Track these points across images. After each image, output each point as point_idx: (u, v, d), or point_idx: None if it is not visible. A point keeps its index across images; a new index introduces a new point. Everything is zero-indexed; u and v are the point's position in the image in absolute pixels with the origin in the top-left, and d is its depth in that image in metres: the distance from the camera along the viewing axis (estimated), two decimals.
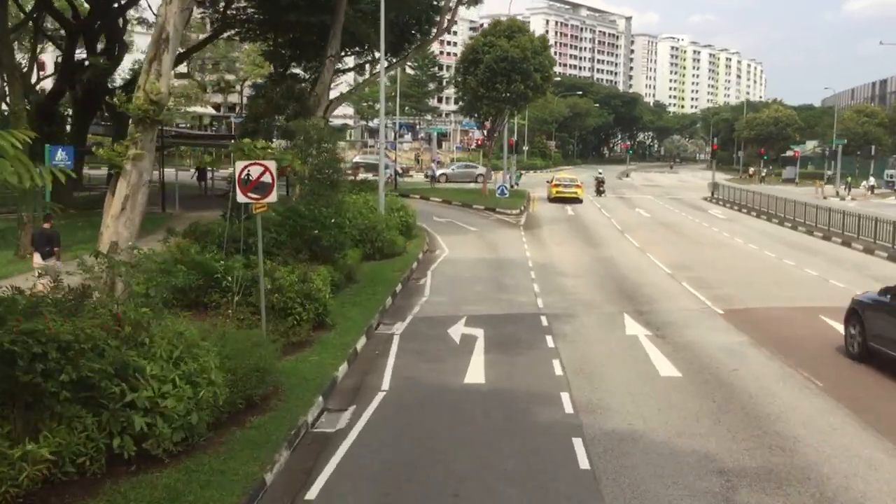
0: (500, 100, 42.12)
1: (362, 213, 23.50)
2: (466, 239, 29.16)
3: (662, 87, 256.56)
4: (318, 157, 22.91)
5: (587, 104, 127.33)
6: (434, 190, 48.90)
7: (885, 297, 12.75)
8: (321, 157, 22.89)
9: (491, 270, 22.34)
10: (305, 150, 23.11)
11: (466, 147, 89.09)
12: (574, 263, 23.85)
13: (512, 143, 51.91)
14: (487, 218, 36.64)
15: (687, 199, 51.11)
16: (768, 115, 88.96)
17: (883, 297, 12.81)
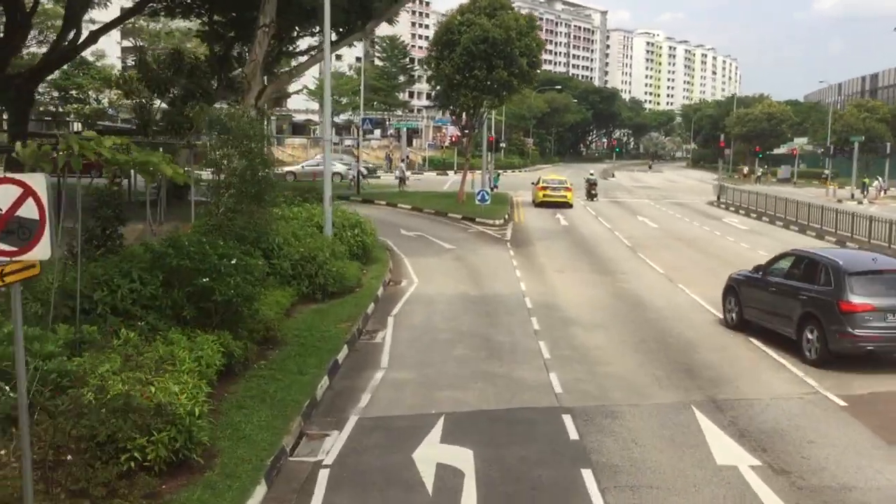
0: (479, 89, 35.92)
1: (297, 236, 17.13)
2: (441, 263, 22.91)
3: (638, 83, 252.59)
4: (239, 160, 16.69)
5: (566, 99, 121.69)
6: (403, 195, 42.57)
7: (757, 273, 14.88)
8: (245, 158, 16.65)
9: (476, 317, 16.10)
10: (220, 150, 16.82)
11: (440, 144, 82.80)
12: (587, 303, 17.69)
13: (491, 139, 45.81)
14: (466, 230, 30.40)
15: (691, 204, 45.25)
16: (761, 111, 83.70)
17: (755, 274, 14.93)
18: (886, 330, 12.35)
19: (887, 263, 13.67)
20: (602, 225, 33.07)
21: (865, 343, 12.37)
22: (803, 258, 14.20)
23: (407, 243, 26.35)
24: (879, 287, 12.76)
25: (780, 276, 14.40)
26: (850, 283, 12.66)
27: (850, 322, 12.37)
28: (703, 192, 58.69)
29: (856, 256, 14.62)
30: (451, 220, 33.46)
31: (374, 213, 35.02)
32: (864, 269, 13.17)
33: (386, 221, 31.86)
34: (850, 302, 12.45)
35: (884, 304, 12.43)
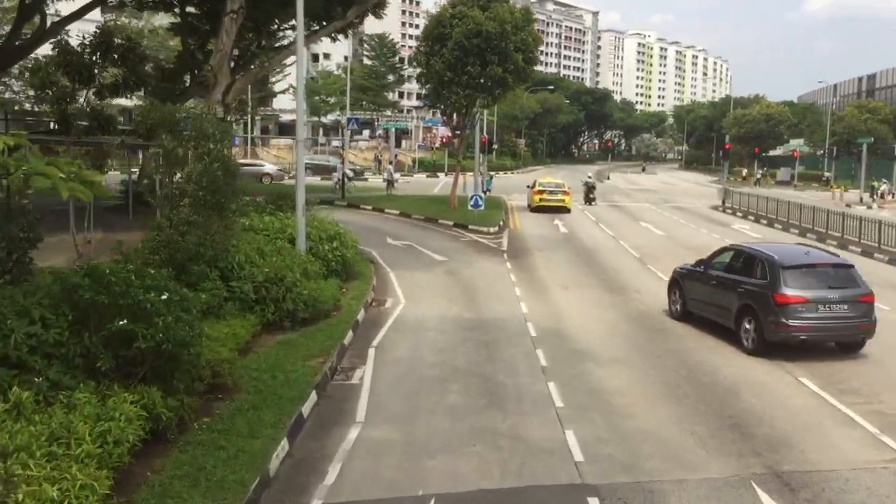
0: (472, 86, 33.52)
1: (263, 253, 14.67)
2: (431, 278, 20.51)
3: (629, 84, 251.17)
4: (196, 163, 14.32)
5: (558, 100, 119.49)
6: (391, 199, 40.14)
7: (699, 267, 15.69)
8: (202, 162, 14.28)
9: (472, 348, 13.70)
10: (173, 152, 14.43)
11: (430, 146, 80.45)
12: (599, 328, 15.32)
13: (484, 140, 43.44)
14: (458, 239, 28.00)
15: (694, 208, 42.95)
16: (758, 112, 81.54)
17: (697, 268, 15.75)
18: (818, 320, 13.14)
19: (819, 258, 14.38)
20: (604, 232, 30.74)
21: (799, 333, 13.11)
22: (742, 253, 14.88)
23: (394, 254, 23.95)
24: (811, 280, 13.50)
25: (721, 269, 15.06)
26: (785, 277, 13.34)
27: (784, 313, 13.07)
28: (704, 195, 56.48)
29: (790, 251, 14.96)
30: (441, 227, 31.06)
31: (359, 219, 32.67)
32: (797, 264, 13.77)
33: (372, 229, 29.51)
34: (784, 294, 13.15)
35: (815, 296, 13.17)
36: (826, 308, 13.17)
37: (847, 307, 13.28)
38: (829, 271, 13.84)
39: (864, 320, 13.37)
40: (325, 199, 39.10)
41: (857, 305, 13.35)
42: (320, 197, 39.77)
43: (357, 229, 29.48)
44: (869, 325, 13.44)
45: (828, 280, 13.58)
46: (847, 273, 13.81)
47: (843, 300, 13.28)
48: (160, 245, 13.40)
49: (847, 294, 13.35)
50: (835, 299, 13.25)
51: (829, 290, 13.36)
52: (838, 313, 13.23)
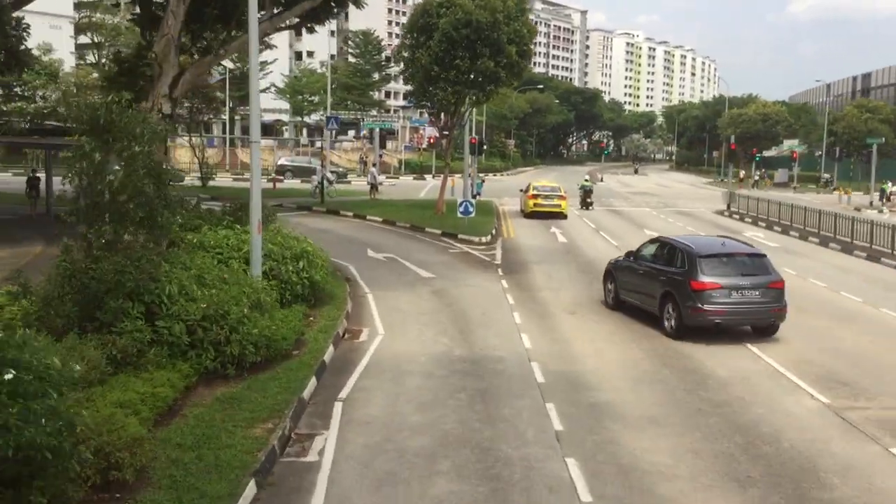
0: (461, 82, 30.73)
1: (204, 281, 11.75)
2: (416, 300, 17.65)
3: (618, 84, 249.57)
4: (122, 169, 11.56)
5: (548, 99, 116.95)
6: (374, 204, 37.25)
7: (629, 259, 16.71)
8: (128, 168, 11.50)
9: (465, 404, 10.82)
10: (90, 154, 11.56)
11: (417, 146, 77.52)
12: (622, 372, 12.48)
13: (474, 141, 40.63)
14: (447, 251, 25.15)
15: (698, 213, 40.26)
16: (755, 111, 79.10)
17: (627, 259, 16.78)
18: (731, 305, 14.07)
19: (734, 248, 15.42)
20: (608, 242, 27.97)
21: (714, 317, 13.99)
22: (665, 244, 15.93)
23: (374, 270, 21.09)
24: (726, 268, 14.42)
25: (647, 260, 16.02)
26: (701, 265, 14.28)
27: (699, 298, 13.97)
28: (704, 198, 53.93)
29: (708, 241, 16.10)
30: (429, 236, 28.21)
31: (338, 227, 29.85)
32: (713, 253, 14.75)
33: (351, 239, 26.69)
34: (700, 281, 14.06)
35: (729, 283, 14.09)
36: (739, 294, 14.14)
37: (759, 293, 14.23)
38: (742, 260, 14.85)
39: (775, 305, 14.32)
40: (303, 204, 36.24)
41: (768, 291, 14.29)
42: (298, 202, 36.90)
43: (335, 239, 26.70)
44: (780, 309, 14.38)
45: (741, 268, 14.53)
46: (760, 262, 14.78)
47: (755, 286, 14.21)
48: (68, 275, 10.54)
49: (758, 281, 14.26)
50: (747, 286, 14.19)
51: (742, 277, 14.31)
52: (750, 299, 14.18)
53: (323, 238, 26.52)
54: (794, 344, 14.32)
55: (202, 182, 43.12)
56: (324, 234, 27.40)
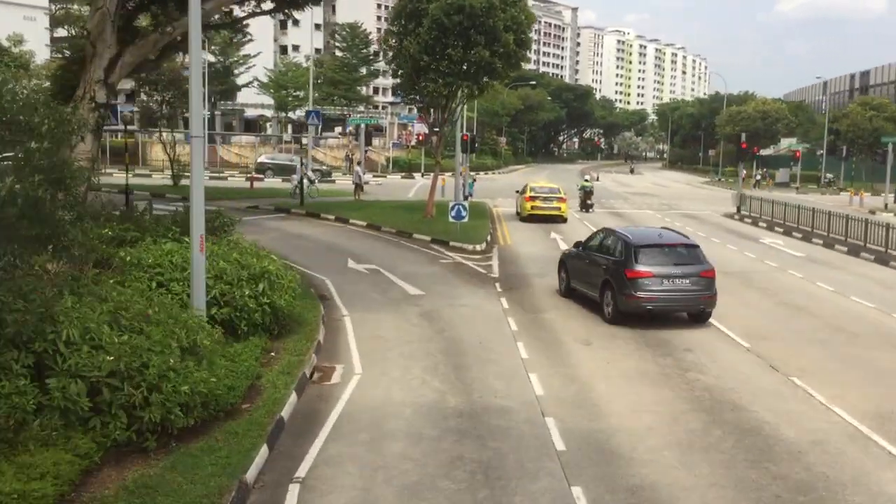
0: (453, 73, 28.01)
1: (121, 318, 8.98)
2: (401, 326, 14.93)
3: (608, 81, 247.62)
4: None
5: (540, 96, 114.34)
6: (358, 206, 34.49)
7: (578, 248, 17.46)
8: (20, 171, 8.73)
9: (464, 490, 8.06)
10: None
11: (406, 144, 74.75)
12: (665, 433, 9.79)
13: (466, 138, 37.94)
14: (437, 261, 22.42)
15: (705, 216, 37.66)
16: (754, 109, 76.66)
17: (577, 249, 17.53)
18: (662, 292, 14.79)
19: (669, 238, 16.08)
20: None
21: (646, 303, 14.71)
22: (609, 234, 16.63)
23: (354, 285, 18.39)
24: (659, 258, 15.13)
25: (593, 250, 16.60)
26: (636, 254, 14.99)
27: (633, 286, 14.71)
28: (706, 198, 51.46)
29: (645, 232, 17.00)
30: (417, 243, 25.48)
31: (318, 232, 27.12)
32: (648, 243, 15.46)
33: (331, 246, 24.01)
34: (634, 269, 14.77)
35: (661, 272, 14.81)
36: (670, 282, 14.83)
37: (689, 281, 14.92)
38: (676, 250, 15.50)
39: (704, 293, 15.00)
40: (281, 206, 33.44)
41: (699, 280, 14.97)
42: (276, 204, 34.08)
43: (312, 247, 23.96)
44: (709, 297, 15.06)
45: (674, 258, 15.23)
46: (693, 252, 15.47)
47: (686, 275, 14.90)
48: None
49: (689, 270, 14.96)
50: (678, 274, 14.88)
51: (674, 266, 15.00)
52: (681, 286, 14.88)
53: (299, 246, 23.85)
54: (865, 388, 11.70)
55: (174, 181, 40.16)
56: (301, 242, 24.72)
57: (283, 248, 22.00)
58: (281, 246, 23.57)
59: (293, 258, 21.27)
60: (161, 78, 37.89)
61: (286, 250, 22.48)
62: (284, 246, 23.53)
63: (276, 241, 24.52)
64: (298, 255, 21.85)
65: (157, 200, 35.66)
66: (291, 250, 22.79)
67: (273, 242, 24.06)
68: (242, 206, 33.71)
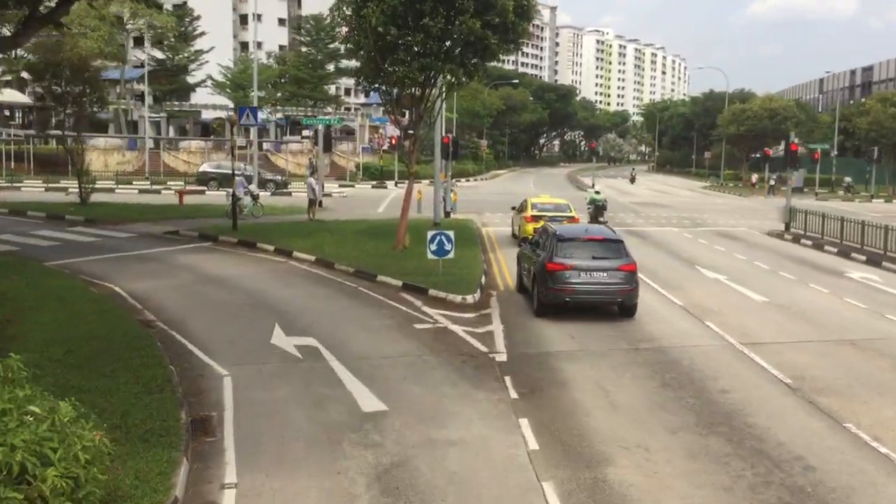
0: (431, 53, 20.47)
1: None
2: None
3: (588, 82, 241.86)
4: None
5: (522, 96, 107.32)
6: (310, 230, 26.62)
7: (528, 244, 18.02)
8: None
9: None
10: None
11: (378, 148, 67.12)
12: None
13: (447, 140, 30.55)
14: (408, 326, 14.72)
15: (744, 236, 30.27)
16: (761, 106, 69.88)
17: (527, 245, 17.93)
18: (580, 285, 15.13)
19: (595, 233, 16.84)
20: (664, 297, 17.89)
21: (564, 295, 15.08)
22: (546, 230, 17.05)
23: (269, 392, 10.80)
24: (580, 251, 15.57)
25: (536, 245, 16.73)
26: (559, 248, 15.50)
27: (552, 279, 15.17)
28: (730, 210, 44.25)
29: (575, 229, 17.82)
30: (382, 291, 17.81)
31: (244, 273, 19.41)
32: (570, 237, 16.03)
33: (256, 299, 16.36)
34: (553, 262, 15.23)
35: (578, 265, 15.19)
36: (587, 275, 15.15)
37: (606, 275, 15.19)
38: (598, 244, 15.83)
39: (622, 286, 15.17)
40: (207, 231, 25.69)
41: (616, 273, 15.21)
42: (204, 227, 26.31)
43: (228, 303, 16.16)
44: (628, 290, 15.22)
45: (594, 251, 15.58)
46: (614, 246, 15.75)
47: (604, 269, 15.21)
48: None
49: (607, 264, 15.27)
50: (595, 267, 15.21)
51: (593, 259, 15.35)
52: (598, 279, 15.18)
53: (208, 301, 16.21)
54: None
55: (81, 198, 32.02)
56: (214, 292, 17.05)
57: (182, 306, 14.82)
58: (182, 300, 16.06)
59: (189, 326, 13.86)
60: (60, 69, 29.98)
61: (185, 309, 15.09)
62: (187, 301, 16.00)
63: (180, 291, 16.96)
64: (200, 320, 14.38)
65: (49, 225, 27.85)
66: (194, 309, 15.27)
67: (173, 294, 16.53)
68: (159, 232, 26.00)
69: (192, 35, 69.51)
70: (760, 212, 42.21)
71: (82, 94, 30.86)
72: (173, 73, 68.59)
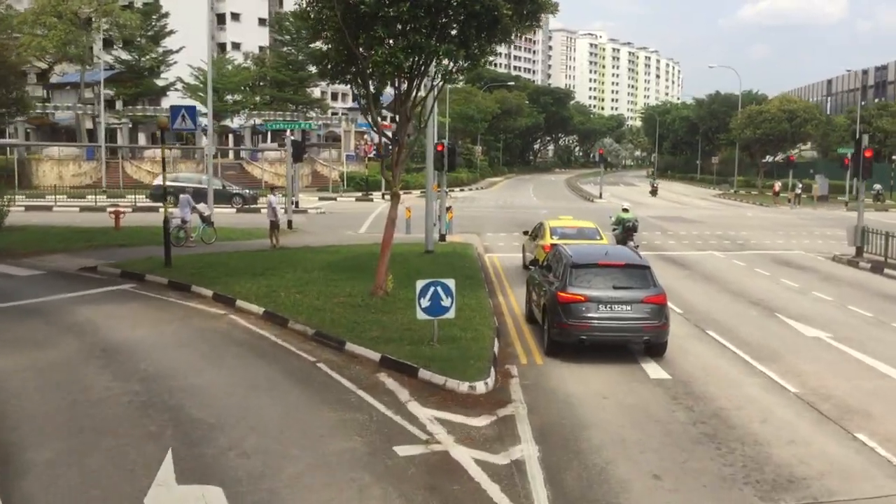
0: (423, 27, 14.81)
1: None
2: None
3: (582, 86, 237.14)
4: None
5: (518, 99, 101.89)
6: (266, 265, 20.62)
7: (538, 267, 15.60)
8: None
9: None
10: None
11: (364, 155, 61.53)
12: None
13: (441, 148, 25.03)
14: (385, 450, 9.08)
15: (803, 262, 24.66)
16: (779, 108, 64.53)
17: (538, 269, 15.48)
18: (597, 319, 12.57)
19: (616, 257, 13.84)
20: (754, 372, 12.31)
21: (579, 332, 12.57)
22: (558, 253, 14.38)
23: None
24: (599, 280, 13.00)
25: (546, 269, 14.58)
26: (572, 276, 13.01)
27: (566, 312, 12.67)
28: (766, 226, 38.66)
29: (591, 251, 14.61)
30: (351, 371, 11.99)
31: (153, 343, 13.03)
32: (587, 262, 13.39)
33: (155, 390, 10.43)
34: (566, 292, 12.75)
35: (598, 296, 12.67)
36: (607, 308, 12.66)
37: (630, 308, 12.66)
38: (620, 271, 13.21)
39: (649, 322, 12.64)
40: (133, 267, 19.80)
41: (642, 306, 12.68)
42: (128, 263, 20.32)
43: (108, 402, 9.77)
44: (655, 326, 12.66)
45: (614, 280, 13.03)
46: (640, 273, 13.20)
47: (626, 300, 12.68)
48: None
49: (631, 294, 12.75)
50: (617, 299, 12.71)
51: (614, 290, 12.85)
52: (620, 313, 12.64)
53: (83, 393, 10.30)
54: None
55: None
56: (96, 376, 11.20)
57: (30, 413, 9.80)
58: (38, 397, 10.72)
59: (20, 461, 8.15)
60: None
61: (32, 420, 9.66)
62: (44, 399, 10.41)
63: (45, 377, 11.33)
64: (49, 443, 8.71)
65: None
66: (48, 418, 9.60)
67: (31, 383, 11.17)
68: (74, 268, 20.29)
69: (162, 34, 63.75)
70: (801, 227, 36.80)
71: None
72: (139, 76, 62.77)
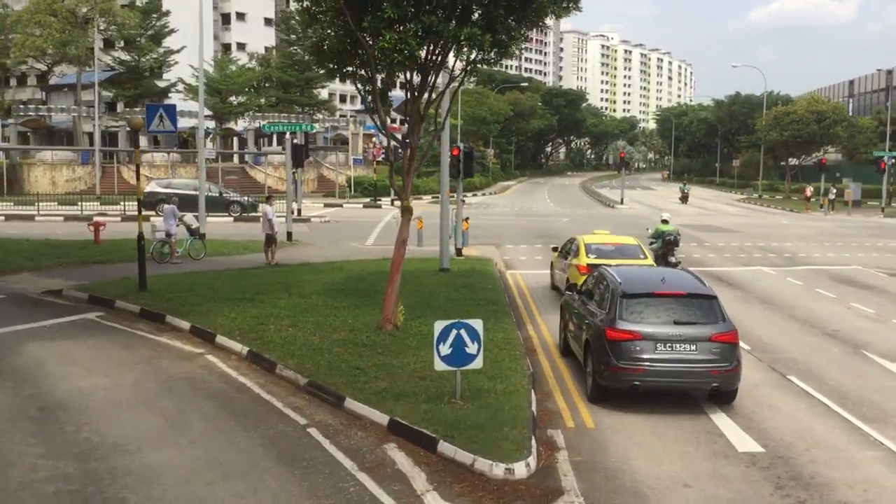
0: (436, 10, 12.10)
1: None
2: None
3: (594, 88, 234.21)
4: None
5: (531, 101, 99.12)
6: (257, 288, 17.79)
7: (575, 292, 13.02)
8: None
9: None
10: None
11: (372, 159, 58.94)
12: None
13: (457, 152, 22.37)
14: None
15: (881, 285, 21.74)
16: (807, 109, 61.53)
17: (574, 294, 13.03)
18: (655, 361, 10.36)
19: (677, 285, 11.32)
20: (867, 442, 9.56)
21: (632, 376, 10.34)
22: (603, 277, 11.92)
23: None
24: (656, 312, 10.75)
25: (586, 296, 12.39)
26: (622, 308, 10.76)
27: (615, 352, 10.48)
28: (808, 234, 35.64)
29: (646, 277, 11.83)
30: (351, 441, 9.33)
31: (110, 394, 9.91)
32: (641, 292, 11.02)
33: (91, 476, 7.60)
34: (615, 329, 10.58)
35: (656, 332, 10.46)
36: (667, 347, 10.39)
37: (695, 347, 10.39)
38: (680, 302, 10.83)
39: (717, 365, 10.33)
40: (103, 290, 17.11)
41: (709, 346, 10.40)
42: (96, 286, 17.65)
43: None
44: (725, 370, 10.34)
45: (675, 313, 10.66)
46: (706, 305, 10.84)
47: (690, 338, 10.39)
48: None
49: (696, 331, 10.45)
50: (678, 336, 10.39)
51: (674, 325, 10.52)
52: (682, 354, 10.38)
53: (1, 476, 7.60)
54: None
55: None
56: (20, 449, 8.35)
57: None
58: None
59: None
60: None
61: None
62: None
63: None
64: None
65: None
66: None
67: None
68: (38, 290, 17.68)
69: (163, 33, 61.37)
70: (847, 237, 33.90)
71: None
72: (139, 77, 60.38)
